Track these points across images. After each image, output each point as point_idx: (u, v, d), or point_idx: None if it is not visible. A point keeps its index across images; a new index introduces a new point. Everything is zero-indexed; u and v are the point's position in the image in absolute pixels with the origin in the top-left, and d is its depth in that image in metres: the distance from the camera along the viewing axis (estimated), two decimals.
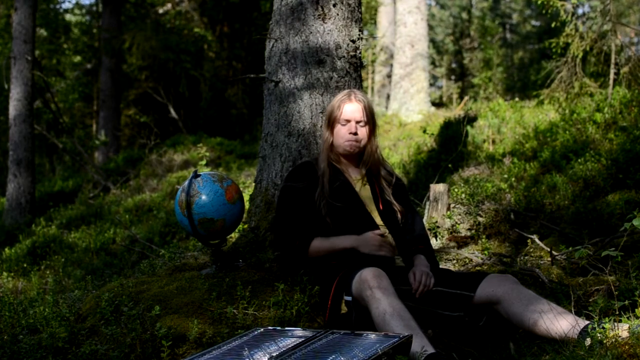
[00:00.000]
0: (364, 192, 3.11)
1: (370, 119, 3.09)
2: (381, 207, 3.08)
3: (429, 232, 4.07)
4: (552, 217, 4.58)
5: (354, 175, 3.13)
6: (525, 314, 2.61)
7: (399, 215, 3.12)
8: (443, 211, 4.45)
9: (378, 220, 3.04)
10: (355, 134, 3.04)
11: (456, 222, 4.45)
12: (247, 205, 3.46)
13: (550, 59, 7.89)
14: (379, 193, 3.11)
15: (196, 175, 3.02)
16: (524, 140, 6.72)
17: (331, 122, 3.07)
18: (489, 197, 4.80)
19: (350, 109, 3.04)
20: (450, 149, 7.16)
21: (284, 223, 3.04)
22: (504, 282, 2.76)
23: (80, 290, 3.50)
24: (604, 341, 2.14)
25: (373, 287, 2.58)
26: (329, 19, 3.48)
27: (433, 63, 24.02)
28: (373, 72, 15.31)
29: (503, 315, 2.71)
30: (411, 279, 2.86)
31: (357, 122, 3.05)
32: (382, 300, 2.53)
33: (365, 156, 3.11)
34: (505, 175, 5.51)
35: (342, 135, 3.05)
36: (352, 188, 3.07)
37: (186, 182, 3.01)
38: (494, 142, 7.34)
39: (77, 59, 17.04)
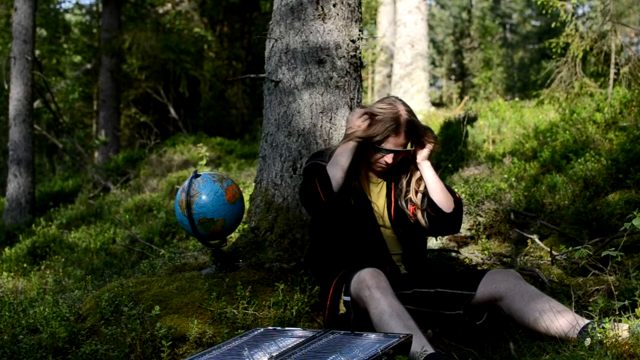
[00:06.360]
0: (379, 193, 3.03)
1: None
2: (393, 215, 3.00)
3: None
4: (552, 217, 4.58)
5: (374, 179, 3.04)
6: (526, 311, 2.61)
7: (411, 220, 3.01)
8: None
9: (385, 221, 3.00)
10: (391, 163, 2.92)
11: None
12: (247, 205, 3.46)
13: (550, 59, 7.89)
14: (394, 197, 3.01)
15: (196, 175, 3.02)
16: (524, 140, 6.71)
17: (370, 142, 2.87)
18: (489, 197, 4.80)
19: (396, 142, 2.88)
20: (450, 149, 7.16)
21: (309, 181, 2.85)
22: (507, 278, 2.75)
23: (80, 290, 3.50)
24: (604, 341, 2.14)
25: (371, 287, 2.57)
26: (329, 18, 3.48)
27: (433, 63, 24.01)
28: (373, 72, 15.30)
29: (505, 311, 2.70)
30: None
31: (398, 154, 2.92)
32: (381, 301, 2.52)
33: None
34: (505, 175, 5.50)
35: (376, 159, 2.93)
36: (365, 195, 2.98)
37: (186, 182, 3.01)
38: (494, 142, 7.34)
39: (77, 59, 17.04)
